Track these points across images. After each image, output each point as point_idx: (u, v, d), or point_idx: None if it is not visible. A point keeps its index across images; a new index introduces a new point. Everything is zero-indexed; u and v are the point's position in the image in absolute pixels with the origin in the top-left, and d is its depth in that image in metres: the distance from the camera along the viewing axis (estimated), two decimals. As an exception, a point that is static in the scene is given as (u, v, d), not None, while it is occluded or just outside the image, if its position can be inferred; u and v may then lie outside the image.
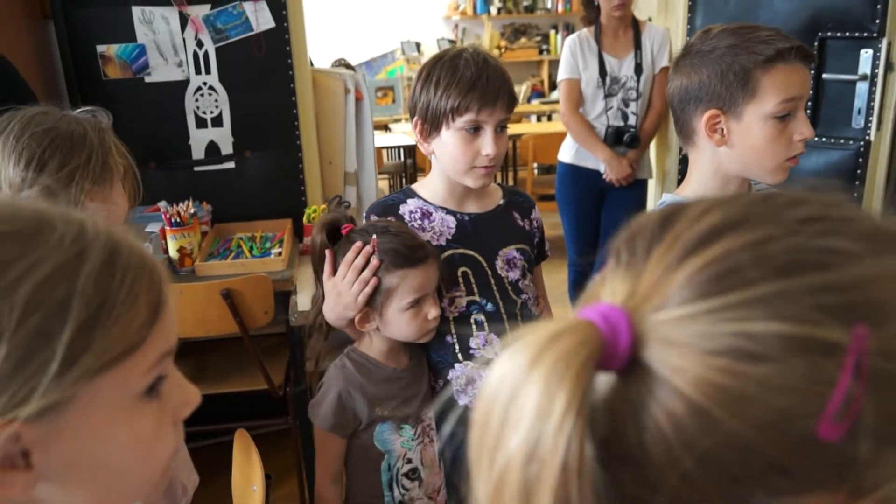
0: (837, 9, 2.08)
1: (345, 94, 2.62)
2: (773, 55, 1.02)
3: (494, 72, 1.17)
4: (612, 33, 2.63)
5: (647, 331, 0.33)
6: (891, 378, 0.31)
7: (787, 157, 1.07)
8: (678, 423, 0.32)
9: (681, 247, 0.34)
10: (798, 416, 0.31)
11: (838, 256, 0.32)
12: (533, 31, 6.46)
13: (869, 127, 2.11)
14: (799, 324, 0.30)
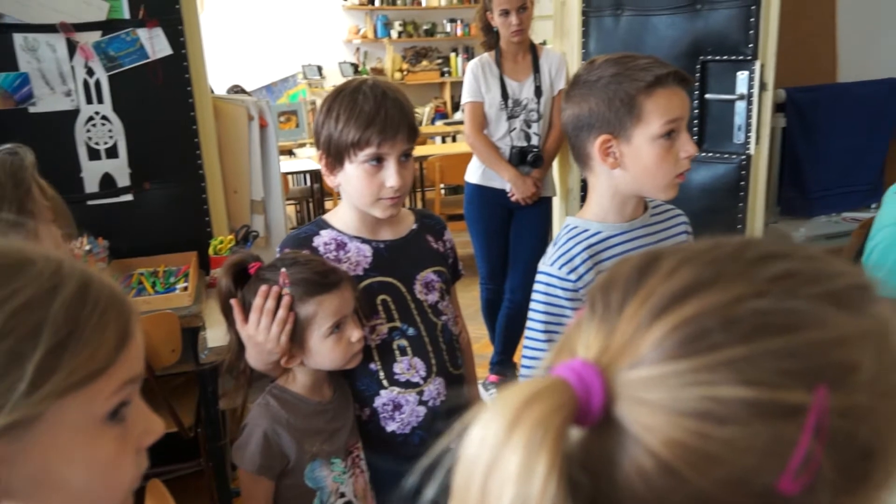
0: (716, 34, 2.24)
1: (248, 120, 2.57)
2: (653, 81, 1.09)
3: (394, 104, 1.17)
4: (511, 57, 2.71)
5: (620, 388, 0.34)
6: (848, 434, 0.33)
7: (675, 173, 1.14)
8: (648, 479, 0.33)
9: (653, 304, 0.35)
10: (760, 474, 0.32)
11: (804, 318, 0.34)
12: (434, 54, 6.57)
13: (749, 142, 2.27)
14: (763, 388, 0.32)
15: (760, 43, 2.18)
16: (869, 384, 0.33)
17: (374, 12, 6.11)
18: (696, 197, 2.40)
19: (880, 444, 0.34)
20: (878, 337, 0.35)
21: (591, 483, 0.35)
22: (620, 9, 2.43)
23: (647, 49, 2.39)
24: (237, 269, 1.17)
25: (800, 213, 2.78)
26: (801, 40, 2.96)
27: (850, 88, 2.86)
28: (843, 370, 0.33)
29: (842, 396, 0.33)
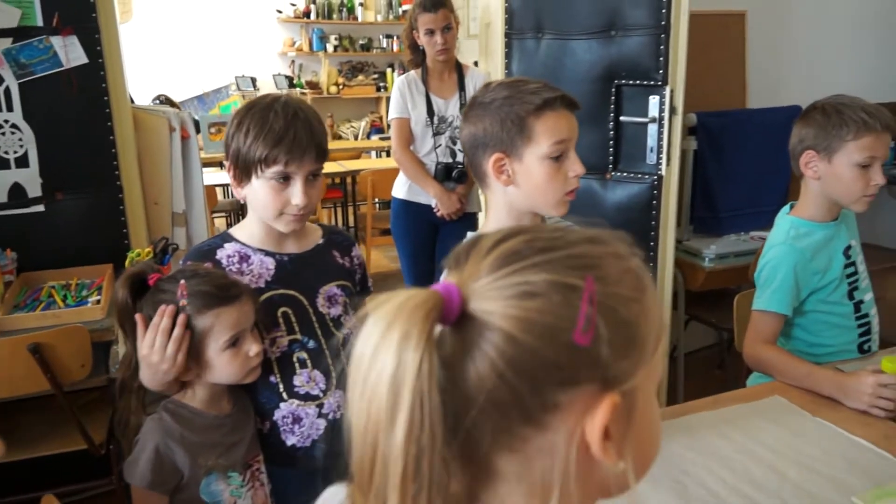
0: (629, 60, 2.35)
1: (170, 132, 2.54)
2: (542, 104, 1.15)
3: (304, 124, 1.19)
4: (437, 76, 2.77)
5: (470, 294, 0.49)
6: (613, 308, 0.49)
7: (565, 191, 1.20)
8: (496, 346, 0.47)
9: (485, 249, 0.51)
10: (562, 330, 0.47)
11: (573, 244, 0.51)
12: (370, 68, 6.60)
13: (660, 163, 2.37)
14: (554, 273, 0.48)
15: (670, 69, 2.28)
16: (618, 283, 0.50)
17: (309, 25, 6.10)
18: (612, 215, 2.49)
19: (633, 318, 0.50)
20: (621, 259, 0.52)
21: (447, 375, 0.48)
22: (541, 32, 2.51)
23: (566, 71, 2.48)
24: (135, 281, 1.16)
25: (711, 231, 2.92)
26: (713, 67, 3.12)
27: (756, 114, 3.03)
28: (603, 272, 0.50)
29: (603, 286, 0.49)
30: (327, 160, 1.29)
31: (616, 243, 0.53)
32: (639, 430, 0.52)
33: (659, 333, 0.53)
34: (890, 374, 1.28)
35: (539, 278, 0.48)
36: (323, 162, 1.25)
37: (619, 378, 0.49)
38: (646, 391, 0.53)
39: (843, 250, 1.56)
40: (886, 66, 3.57)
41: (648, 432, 0.54)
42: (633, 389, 0.50)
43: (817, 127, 1.52)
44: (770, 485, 1.11)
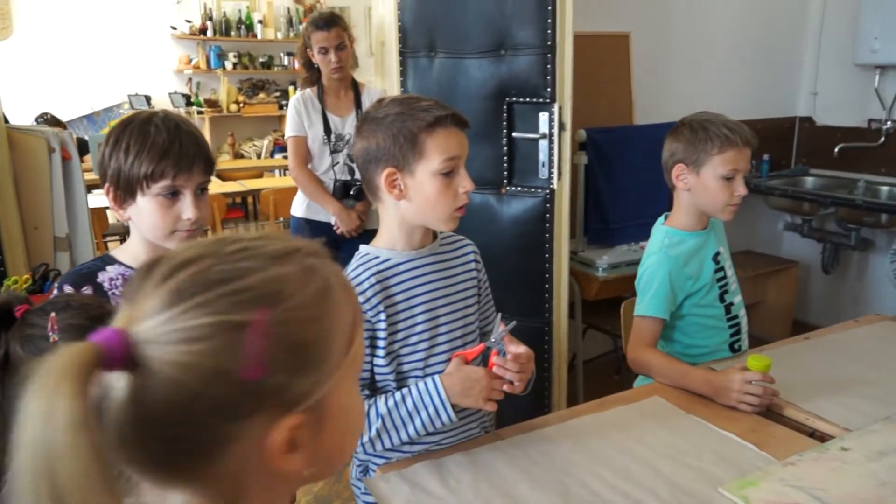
0: (519, 79, 2.43)
1: (49, 153, 2.41)
2: (434, 121, 1.19)
3: (188, 136, 1.17)
4: (334, 93, 2.76)
5: (138, 336, 0.49)
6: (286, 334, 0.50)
7: (455, 206, 1.24)
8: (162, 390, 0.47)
9: (157, 279, 0.51)
10: (227, 371, 0.48)
11: (252, 271, 0.51)
12: (272, 86, 6.50)
13: (552, 177, 2.46)
14: (218, 315, 0.48)
15: (557, 87, 2.38)
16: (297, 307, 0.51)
17: (206, 42, 5.96)
18: (508, 228, 2.56)
19: (312, 339, 0.52)
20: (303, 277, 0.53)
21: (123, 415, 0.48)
22: (434, 51, 2.56)
23: (459, 89, 2.54)
24: (1, 312, 1.09)
25: (604, 242, 3.05)
26: (601, 86, 3.27)
27: (642, 130, 3.19)
28: (277, 297, 0.51)
29: (278, 314, 0.50)
30: (228, 179, 1.27)
31: (303, 258, 0.54)
32: (333, 427, 0.55)
33: (350, 334, 0.55)
34: (755, 371, 1.38)
35: (202, 322, 0.48)
36: (211, 174, 1.23)
37: (300, 398, 0.51)
38: (340, 391, 0.55)
39: (713, 256, 1.67)
40: (758, 85, 3.85)
41: (345, 424, 0.57)
42: (322, 399, 0.52)
43: (685, 142, 1.62)
44: (645, 480, 1.16)
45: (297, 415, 0.51)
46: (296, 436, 0.51)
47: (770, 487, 1.11)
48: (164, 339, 0.48)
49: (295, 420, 0.51)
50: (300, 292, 0.52)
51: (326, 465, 0.58)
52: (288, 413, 0.50)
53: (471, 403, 1.20)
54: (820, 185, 3.81)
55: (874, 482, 1.12)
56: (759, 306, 3.84)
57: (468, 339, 1.33)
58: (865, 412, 1.36)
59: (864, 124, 3.68)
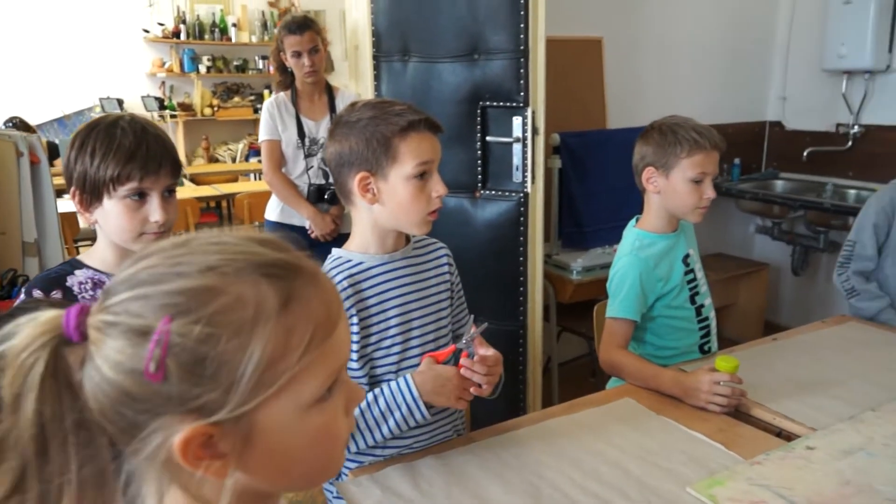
0: (492, 83, 2.44)
1: (17, 157, 2.37)
2: (407, 125, 1.19)
3: (155, 139, 1.17)
4: (308, 97, 2.75)
5: (92, 317, 0.54)
6: (184, 345, 0.51)
7: (428, 210, 1.24)
8: (92, 372, 0.52)
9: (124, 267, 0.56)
10: (134, 370, 0.51)
11: (182, 276, 0.53)
12: (246, 90, 6.46)
13: (526, 181, 2.47)
14: (131, 317, 0.52)
15: (530, 92, 2.39)
16: (209, 323, 0.52)
17: (179, 46, 5.90)
18: (483, 231, 2.57)
19: (221, 356, 0.52)
20: (232, 295, 0.53)
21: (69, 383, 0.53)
22: (407, 55, 2.57)
23: (433, 93, 2.54)
24: None
25: (578, 245, 3.07)
26: (575, 90, 3.30)
27: (615, 134, 3.23)
28: (187, 309, 0.52)
29: (181, 324, 0.51)
30: (202, 183, 1.26)
31: (244, 276, 0.53)
32: (267, 451, 0.56)
33: (298, 360, 0.54)
34: (723, 372, 1.40)
35: (120, 318, 0.53)
36: (178, 177, 1.23)
37: (207, 409, 0.52)
38: (277, 416, 0.55)
39: (683, 258, 1.69)
40: (729, 89, 3.90)
41: (285, 453, 0.57)
42: (248, 415, 0.53)
43: (655, 145, 1.64)
44: (615, 481, 1.17)
45: (206, 425, 0.52)
46: (216, 443, 0.53)
47: (737, 486, 1.12)
48: (98, 323, 0.53)
49: (202, 429, 0.52)
50: (217, 309, 0.52)
51: (279, 484, 0.59)
52: (197, 420, 0.52)
53: (443, 402, 1.20)
54: (789, 189, 3.88)
55: (839, 480, 1.14)
56: (731, 308, 3.90)
57: (441, 342, 1.33)
58: (831, 412, 1.38)
59: (833, 129, 3.75)
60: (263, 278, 0.54)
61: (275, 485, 0.59)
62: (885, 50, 3.38)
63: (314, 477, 0.62)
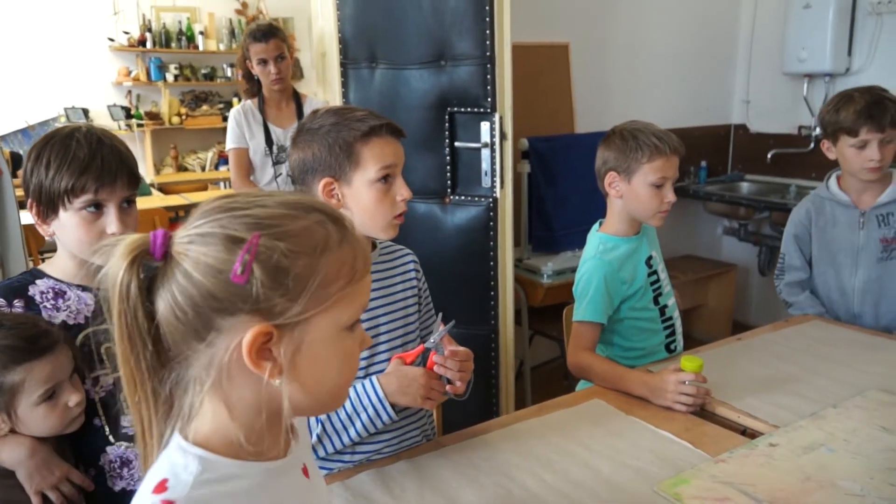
0: (459, 89, 2.45)
1: (-24, 168, 2.32)
2: (368, 130, 1.20)
3: (110, 150, 1.16)
4: (275, 105, 2.74)
5: (175, 238, 0.65)
6: (269, 258, 0.63)
7: (393, 214, 1.25)
8: (179, 278, 0.63)
9: (203, 204, 0.68)
10: (222, 269, 0.62)
11: (263, 207, 0.66)
12: (215, 98, 6.39)
13: (495, 185, 2.49)
14: (224, 229, 0.63)
15: (497, 97, 2.41)
16: (288, 241, 0.64)
17: (146, 54, 5.82)
18: (453, 236, 2.58)
19: (294, 270, 0.64)
20: (304, 224, 0.66)
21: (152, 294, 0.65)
22: (375, 62, 2.57)
23: (401, 100, 2.55)
24: None
25: (548, 249, 3.10)
26: (543, 95, 3.33)
27: (583, 138, 3.26)
28: (278, 231, 0.64)
29: (268, 239, 0.63)
30: (171, 192, 1.25)
31: (312, 215, 0.67)
32: (311, 360, 0.67)
33: (333, 289, 0.66)
34: (688, 371, 1.42)
35: (213, 230, 0.64)
36: (136, 188, 1.21)
37: (275, 312, 0.63)
38: (321, 329, 0.67)
39: (646, 260, 1.71)
40: (695, 93, 3.97)
41: (324, 364, 0.68)
42: (300, 325, 0.65)
43: (617, 151, 1.66)
44: (585, 481, 1.18)
45: (271, 326, 0.63)
46: (271, 346, 0.64)
47: (702, 484, 1.14)
48: (186, 239, 0.64)
49: (267, 328, 0.63)
50: (297, 233, 0.65)
51: (311, 395, 0.69)
52: (264, 320, 0.63)
53: (409, 401, 1.20)
54: (754, 191, 3.95)
55: (800, 476, 1.16)
56: (701, 309, 3.96)
57: (409, 347, 1.34)
58: (794, 409, 1.41)
59: (795, 131, 3.83)
60: (329, 219, 0.68)
61: (310, 392, 0.69)
62: (844, 53, 3.46)
63: (334, 397, 0.73)
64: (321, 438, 1.20)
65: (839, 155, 1.93)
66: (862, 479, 1.14)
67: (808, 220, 2.05)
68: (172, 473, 0.64)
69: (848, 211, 1.98)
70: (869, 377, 1.55)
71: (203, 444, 0.67)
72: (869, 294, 1.97)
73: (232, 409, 0.67)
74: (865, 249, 1.96)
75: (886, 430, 1.30)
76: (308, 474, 0.79)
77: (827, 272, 2.03)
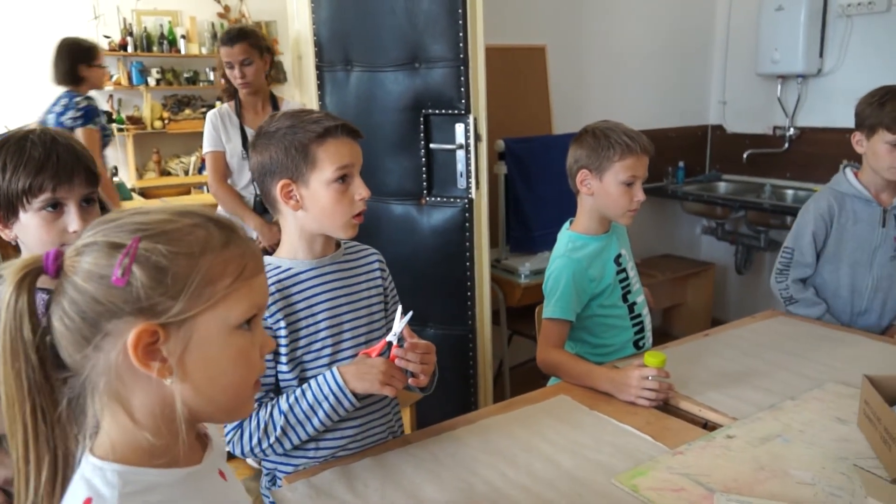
0: (434, 91, 2.47)
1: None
2: (323, 132, 1.22)
3: (66, 149, 1.17)
4: (251, 108, 2.76)
5: (66, 258, 0.68)
6: (148, 259, 0.66)
7: (351, 214, 1.26)
8: (68, 289, 0.67)
9: (86, 229, 0.71)
10: (105, 275, 0.65)
11: (144, 213, 0.70)
12: (198, 102, 6.38)
13: (470, 187, 2.51)
14: (106, 237, 0.67)
15: (472, 99, 2.43)
16: (167, 244, 0.67)
17: (127, 58, 5.81)
18: (430, 237, 2.60)
19: (173, 271, 0.67)
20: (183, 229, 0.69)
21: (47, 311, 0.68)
22: (350, 65, 2.59)
23: (377, 102, 2.57)
24: None
25: (526, 249, 3.12)
26: (521, 97, 3.36)
27: (560, 139, 3.27)
28: (159, 236, 0.67)
29: (148, 243, 0.67)
30: (152, 197, 1.26)
31: (193, 219, 0.70)
32: (202, 358, 0.69)
33: (228, 286, 0.69)
34: (651, 367, 1.44)
35: (97, 239, 0.68)
36: (95, 187, 1.22)
37: (158, 311, 0.66)
38: (211, 328, 0.69)
39: (615, 258, 1.73)
40: (672, 94, 4.01)
41: (215, 362, 0.70)
42: (186, 323, 0.67)
43: (589, 149, 1.68)
44: (546, 475, 1.20)
45: (155, 325, 0.66)
46: (160, 346, 0.67)
47: (658, 476, 1.16)
48: (74, 252, 0.68)
49: (151, 327, 0.66)
50: (175, 236, 0.68)
51: (205, 396, 0.71)
52: (149, 319, 0.66)
53: (368, 387, 1.22)
54: (731, 190, 4.00)
55: (754, 466, 1.19)
56: (680, 307, 3.99)
57: (373, 345, 1.35)
58: (754, 402, 1.44)
59: (770, 131, 3.88)
60: (211, 223, 0.71)
61: (204, 393, 0.70)
62: (816, 54, 3.52)
63: (233, 398, 0.74)
64: (285, 430, 1.22)
65: (869, 150, 1.89)
66: (814, 469, 1.17)
67: (830, 217, 1.98)
68: (95, 493, 0.65)
69: (870, 207, 1.95)
70: (829, 370, 1.58)
71: (115, 457, 0.68)
72: (880, 292, 1.98)
73: (133, 415, 0.69)
74: (882, 247, 1.96)
75: (841, 420, 1.33)
76: (226, 478, 0.80)
77: (841, 269, 1.99)
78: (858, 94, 1.96)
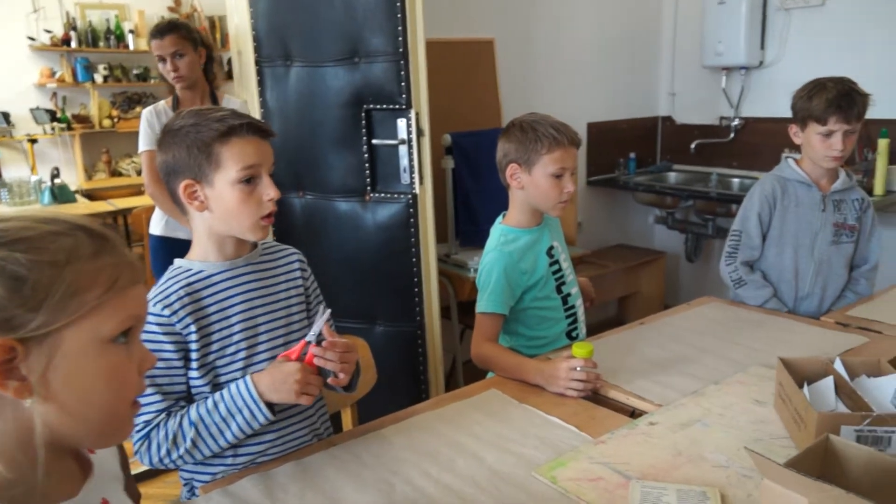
0: (374, 86, 2.45)
1: None
2: (227, 130, 1.18)
3: None
4: (189, 103, 2.68)
5: None
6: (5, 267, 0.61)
7: (260, 215, 1.23)
8: None
9: None
10: None
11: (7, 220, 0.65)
12: (149, 99, 6.24)
13: (414, 182, 2.49)
14: None
15: (413, 94, 2.41)
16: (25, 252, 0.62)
17: (71, 54, 5.65)
18: (375, 234, 2.58)
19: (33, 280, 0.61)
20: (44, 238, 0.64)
21: None
22: (290, 60, 2.55)
23: (317, 97, 2.53)
24: None
25: (475, 243, 3.11)
26: (469, 91, 3.35)
27: (508, 132, 3.28)
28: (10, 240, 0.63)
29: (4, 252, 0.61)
30: (99, 199, 1.22)
31: (59, 226, 0.66)
32: (69, 375, 0.64)
33: (98, 297, 0.65)
34: (579, 357, 1.45)
35: None
36: None
37: (15, 325, 0.61)
38: (79, 342, 0.64)
39: (547, 251, 1.74)
40: (623, 87, 4.05)
41: (85, 379, 0.66)
42: (49, 337, 0.62)
43: (517, 142, 1.68)
44: (469, 471, 1.19)
45: (12, 340, 0.61)
46: (18, 364, 0.61)
47: (578, 466, 1.17)
48: None
49: (7, 342, 0.61)
50: (37, 244, 0.63)
51: (77, 417, 0.66)
52: (5, 334, 0.61)
53: (284, 398, 1.19)
54: (680, 180, 4.05)
55: (672, 452, 1.20)
56: (635, 296, 4.04)
57: (292, 347, 1.33)
58: (680, 388, 1.45)
59: (717, 122, 3.94)
60: (80, 231, 0.67)
61: (73, 413, 0.65)
62: (758, 47, 3.58)
63: (105, 420, 0.69)
64: (195, 442, 1.18)
65: (805, 141, 1.98)
66: (729, 451, 1.19)
67: (774, 199, 2.05)
68: None
69: (811, 192, 2.03)
70: (755, 354, 1.61)
71: None
72: (820, 276, 2.05)
73: None
74: (822, 231, 2.03)
75: (759, 402, 1.35)
76: None
77: (785, 252, 2.06)
78: (798, 85, 2.01)
